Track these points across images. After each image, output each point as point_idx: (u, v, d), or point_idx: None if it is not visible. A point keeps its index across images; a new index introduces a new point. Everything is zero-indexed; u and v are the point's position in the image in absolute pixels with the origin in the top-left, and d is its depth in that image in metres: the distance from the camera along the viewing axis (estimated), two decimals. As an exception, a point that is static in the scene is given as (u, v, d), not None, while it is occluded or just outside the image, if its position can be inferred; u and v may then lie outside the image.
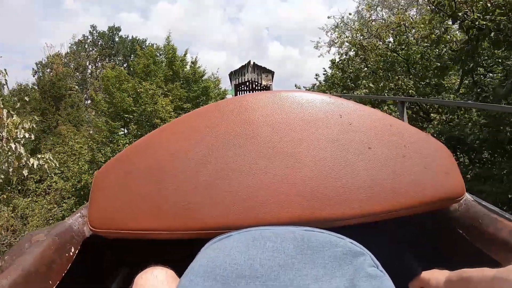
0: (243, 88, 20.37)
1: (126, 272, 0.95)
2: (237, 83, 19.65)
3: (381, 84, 6.26)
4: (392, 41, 6.78)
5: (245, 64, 19.81)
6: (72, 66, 23.51)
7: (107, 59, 26.27)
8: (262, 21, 49.83)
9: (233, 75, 19.79)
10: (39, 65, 23.95)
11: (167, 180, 0.74)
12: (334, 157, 0.74)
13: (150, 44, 16.68)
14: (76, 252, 0.75)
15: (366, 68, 7.50)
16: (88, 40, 26.96)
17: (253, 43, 48.52)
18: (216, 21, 49.33)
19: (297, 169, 0.73)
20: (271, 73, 20.01)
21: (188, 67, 13.80)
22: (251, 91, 20.08)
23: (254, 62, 19.88)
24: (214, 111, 0.80)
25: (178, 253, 0.76)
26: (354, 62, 8.06)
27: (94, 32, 27.29)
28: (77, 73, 24.24)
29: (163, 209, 0.73)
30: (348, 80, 8.06)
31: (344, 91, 8.19)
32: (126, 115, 10.45)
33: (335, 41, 11.55)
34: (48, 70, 21.53)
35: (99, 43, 27.12)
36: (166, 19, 43.69)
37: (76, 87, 22.43)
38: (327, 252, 0.54)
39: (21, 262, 0.62)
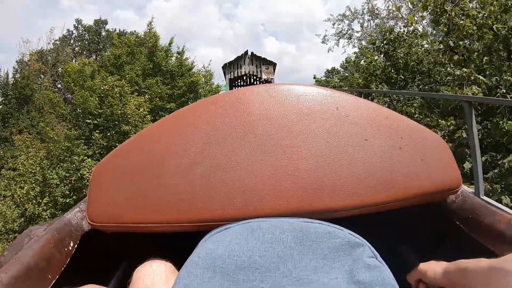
0: (239, 83, 17.24)
1: (125, 265, 0.91)
2: (232, 77, 16.49)
3: (494, 78, 3.90)
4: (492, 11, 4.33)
5: (242, 55, 16.60)
6: (49, 63, 21.28)
7: (93, 55, 24.19)
8: (257, 16, 47.71)
9: (227, 67, 16.54)
10: (19, 64, 21.92)
11: (164, 174, 0.74)
12: (331, 149, 0.74)
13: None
14: (75, 246, 0.79)
15: (450, 49, 4.97)
16: (74, 35, 24.97)
17: (250, 39, 46.63)
18: (212, 17, 47.23)
19: (295, 161, 0.73)
20: (273, 64, 16.84)
21: (173, 59, 11.38)
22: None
23: (252, 52, 16.74)
24: (211, 104, 0.80)
25: (177, 246, 0.76)
26: (401, 45, 5.62)
27: (79, 26, 25.25)
28: (61, 70, 22.21)
29: (161, 202, 0.73)
30: (392, 70, 5.67)
31: (388, 87, 5.74)
32: (88, 121, 8.05)
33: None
34: (28, 67, 19.54)
35: (85, 37, 25.09)
36: (162, 16, 41.66)
37: (60, 86, 20.31)
38: (326, 243, 0.54)
39: (21, 257, 0.64)
